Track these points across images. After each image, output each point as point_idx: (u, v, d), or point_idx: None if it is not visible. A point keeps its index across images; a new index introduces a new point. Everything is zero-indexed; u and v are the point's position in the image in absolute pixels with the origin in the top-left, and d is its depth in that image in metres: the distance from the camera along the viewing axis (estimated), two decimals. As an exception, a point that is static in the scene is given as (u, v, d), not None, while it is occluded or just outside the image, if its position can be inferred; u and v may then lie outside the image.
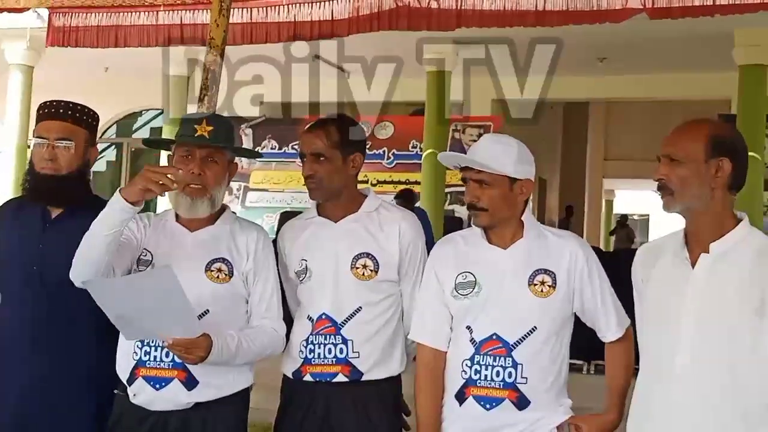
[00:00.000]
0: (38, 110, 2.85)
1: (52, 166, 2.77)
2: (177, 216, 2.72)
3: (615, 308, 2.57)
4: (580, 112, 16.56)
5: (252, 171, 11.57)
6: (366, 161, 2.89)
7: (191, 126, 2.66)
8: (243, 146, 11.38)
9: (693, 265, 2.23)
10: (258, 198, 11.54)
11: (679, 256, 2.28)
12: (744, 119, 8.86)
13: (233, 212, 2.85)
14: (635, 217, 25.12)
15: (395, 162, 11.42)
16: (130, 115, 13.10)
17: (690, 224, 2.27)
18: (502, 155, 2.52)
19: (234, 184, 11.31)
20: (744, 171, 2.26)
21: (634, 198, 24.54)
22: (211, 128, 2.65)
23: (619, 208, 23.57)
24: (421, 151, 10.88)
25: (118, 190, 2.48)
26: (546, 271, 2.52)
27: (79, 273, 2.51)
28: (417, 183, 10.85)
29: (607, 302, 2.56)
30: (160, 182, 2.41)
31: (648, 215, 26.50)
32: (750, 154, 6.46)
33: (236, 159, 2.85)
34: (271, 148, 11.43)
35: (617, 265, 2.84)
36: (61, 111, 2.81)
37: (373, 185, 10.48)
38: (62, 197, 2.78)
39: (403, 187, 11.16)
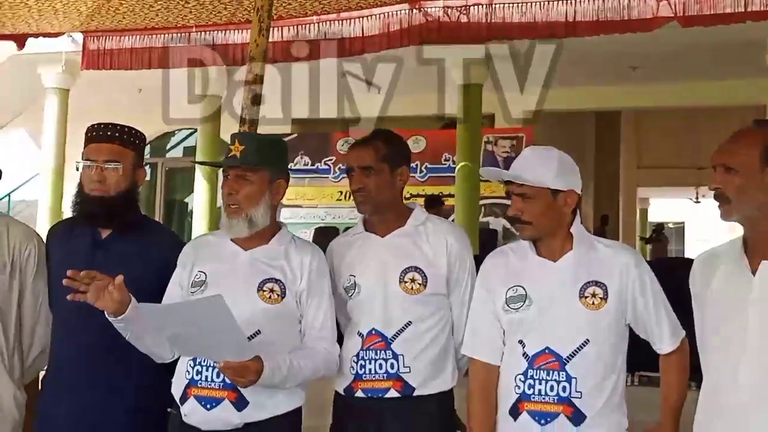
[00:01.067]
0: (87, 133, 2.89)
1: (101, 188, 2.80)
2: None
3: (669, 319, 2.54)
4: (612, 121, 16.48)
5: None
6: None
7: (228, 147, 2.71)
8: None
9: (753, 273, 2.22)
10: (292, 214, 11.58)
11: (738, 265, 2.26)
12: (781, 124, 8.76)
13: (290, 232, 2.85)
14: (670, 225, 24.88)
15: (428, 175, 11.43)
16: (164, 135, 13.24)
17: (748, 231, 2.25)
18: (542, 167, 2.51)
19: (268, 201, 11.37)
20: None
21: (669, 206, 24.32)
22: (243, 147, 2.67)
23: (653, 217, 23.36)
24: (453, 163, 10.88)
25: None
26: (597, 283, 2.50)
27: (157, 358, 2.72)
28: (451, 196, 10.85)
29: (661, 313, 2.53)
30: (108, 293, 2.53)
31: (683, 223, 26.24)
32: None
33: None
34: (304, 165, 11.49)
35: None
36: (109, 133, 2.84)
37: (407, 199, 10.47)
38: (112, 218, 2.81)
39: (437, 200, 11.16)
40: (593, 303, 2.48)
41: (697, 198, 18.88)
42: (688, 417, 2.40)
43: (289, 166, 2.89)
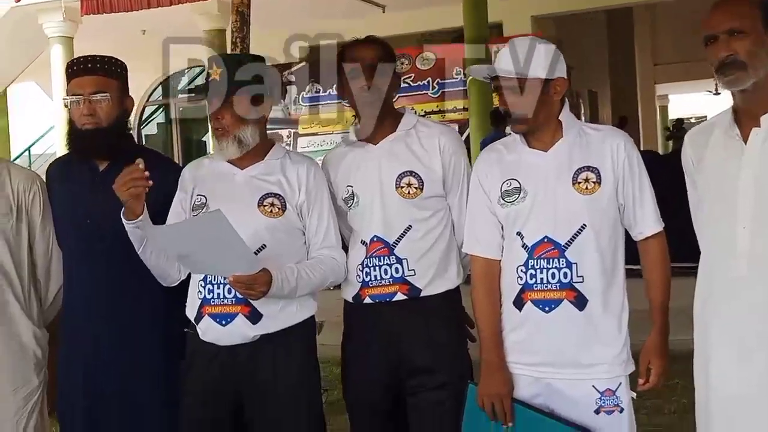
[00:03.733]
0: (67, 69, 2.90)
1: (93, 121, 2.82)
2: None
3: (653, 203, 2.54)
4: (625, 20, 16.12)
5: (300, 117, 11.59)
6: (411, 94, 2.91)
7: (207, 71, 2.70)
8: (286, 91, 11.42)
9: (745, 141, 2.21)
10: (309, 143, 11.56)
11: (729, 134, 2.26)
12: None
13: (283, 146, 2.87)
14: (692, 120, 24.56)
15: (440, 91, 11.29)
16: (175, 75, 13.19)
17: (741, 100, 2.24)
18: (530, 58, 2.49)
19: (284, 132, 11.35)
20: None
21: (689, 101, 23.95)
22: (220, 70, 2.67)
23: (674, 113, 23.04)
24: (465, 77, 10.75)
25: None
26: (589, 168, 2.50)
27: (162, 280, 2.79)
28: (465, 110, 10.75)
29: (646, 195, 2.53)
30: (134, 185, 2.55)
31: (704, 117, 25.87)
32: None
33: (285, 106, 2.86)
34: (315, 92, 11.39)
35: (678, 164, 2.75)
36: (90, 65, 2.85)
37: (422, 116, 10.38)
38: (107, 149, 2.84)
39: (451, 116, 11.10)
40: (587, 188, 2.49)
41: (716, 90, 18.55)
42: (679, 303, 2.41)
43: (300, 94, 2.90)
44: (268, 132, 2.87)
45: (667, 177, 3.06)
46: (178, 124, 12.76)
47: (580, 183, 2.49)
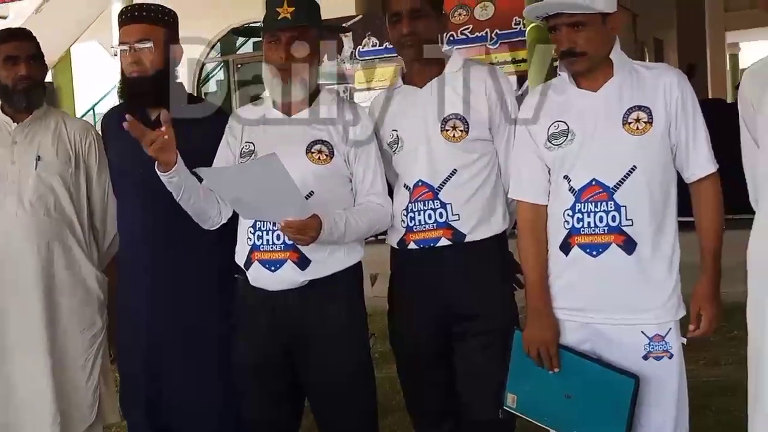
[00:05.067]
0: (118, 18, 2.91)
1: (137, 69, 2.84)
2: (274, 102, 2.76)
3: (707, 143, 2.44)
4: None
5: (356, 72, 11.51)
6: (469, 45, 2.85)
7: (273, 10, 2.65)
8: (344, 45, 11.36)
9: None
10: (365, 98, 11.47)
11: None
12: None
13: (330, 92, 2.85)
14: (764, 69, 23.78)
15: (499, 42, 11.09)
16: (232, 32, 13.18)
17: None
18: None
19: (340, 87, 11.30)
20: None
21: (762, 49, 23.15)
22: (292, 9, 2.63)
23: (746, 63, 22.30)
24: (524, 27, 10.54)
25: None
26: (640, 108, 2.41)
27: (201, 223, 2.77)
28: (524, 60, 10.55)
29: (700, 135, 2.43)
30: (161, 138, 2.53)
31: (778, 66, 25.01)
32: None
33: (340, 61, 2.84)
34: (372, 46, 11.27)
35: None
36: (136, 14, 2.85)
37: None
38: (154, 97, 2.84)
39: (511, 67, 10.89)
40: (638, 128, 2.40)
41: (791, 36, 17.90)
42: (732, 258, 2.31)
43: (357, 48, 2.90)
44: (324, 87, 2.86)
45: (733, 125, 2.93)
46: (237, 81, 12.80)
47: (630, 123, 2.41)
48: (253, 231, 2.68)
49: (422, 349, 2.78)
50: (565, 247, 2.47)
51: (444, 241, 2.70)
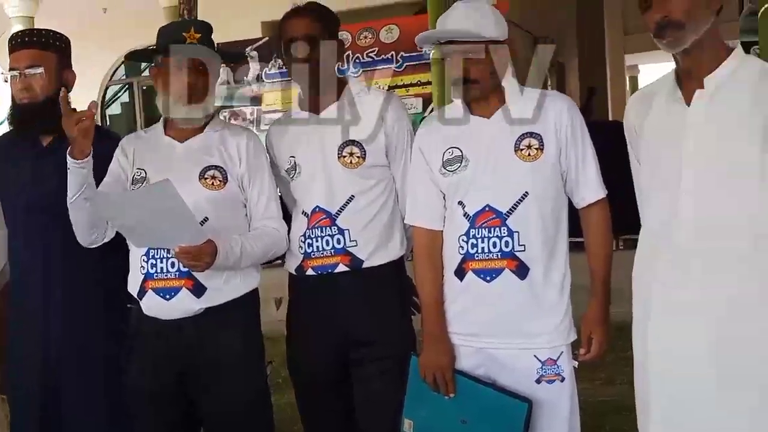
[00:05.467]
0: (9, 43, 2.86)
1: (28, 95, 2.80)
2: (165, 128, 2.75)
3: (596, 169, 2.50)
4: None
5: (264, 93, 11.45)
6: (375, 68, 2.87)
7: (179, 33, 2.64)
8: (250, 69, 11.29)
9: (688, 104, 2.16)
10: (273, 120, 11.47)
11: (672, 97, 2.20)
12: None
13: (222, 118, 2.85)
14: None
15: (405, 65, 11.20)
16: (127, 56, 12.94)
17: (684, 61, 2.18)
18: (482, 20, 2.44)
19: (247, 110, 11.21)
20: None
21: (660, 71, 23.97)
22: (199, 35, 2.65)
23: (644, 83, 23.05)
24: (429, 51, 10.66)
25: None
26: (532, 134, 2.46)
27: (81, 237, 2.70)
28: (428, 83, 10.68)
29: (589, 161, 2.48)
30: (82, 120, 2.49)
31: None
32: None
33: (247, 83, 2.85)
34: (278, 68, 11.24)
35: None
36: (26, 39, 2.82)
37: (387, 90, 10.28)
38: (44, 123, 2.79)
39: (416, 90, 11.01)
40: (529, 155, 2.45)
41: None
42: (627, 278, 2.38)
43: (264, 71, 2.92)
44: (232, 110, 2.86)
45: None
46: (141, 103, 12.59)
47: (522, 150, 2.45)
48: (146, 259, 2.63)
49: (320, 377, 2.76)
50: (460, 273, 2.49)
51: (342, 267, 2.70)
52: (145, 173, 2.69)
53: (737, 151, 2.09)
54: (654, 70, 24.22)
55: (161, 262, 2.61)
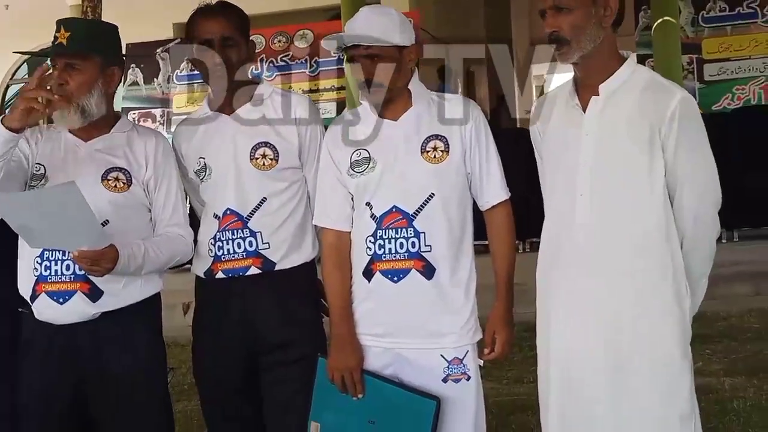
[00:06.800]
0: None
1: None
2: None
3: (500, 172, 2.55)
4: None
5: (174, 96, 11.27)
6: (290, 72, 2.84)
7: (54, 35, 2.58)
8: (161, 69, 11.10)
9: (584, 110, 2.25)
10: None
11: (570, 104, 2.30)
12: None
13: (130, 119, 2.80)
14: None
15: (319, 70, 11.20)
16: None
17: (580, 70, 2.28)
18: (387, 25, 2.47)
19: (157, 111, 11.02)
20: (624, 4, 2.26)
21: (565, 80, 24.57)
22: (68, 34, 2.57)
23: (551, 93, 23.57)
24: (343, 56, 10.67)
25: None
26: (438, 137, 2.50)
27: None
28: (342, 88, 10.71)
29: (493, 164, 2.54)
30: (39, 100, 2.36)
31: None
32: (665, 18, 6.42)
33: (158, 85, 2.78)
34: (190, 70, 11.09)
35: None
36: None
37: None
38: None
39: (329, 95, 11.02)
40: (435, 157, 2.49)
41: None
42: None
43: (175, 72, 2.82)
44: (141, 111, 2.79)
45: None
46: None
47: (428, 152, 2.50)
48: (40, 261, 2.56)
49: (227, 383, 2.73)
50: (368, 273, 2.51)
51: (254, 270, 2.68)
52: (44, 169, 2.62)
53: (628, 156, 2.21)
54: (560, 79, 24.87)
55: (56, 264, 2.55)
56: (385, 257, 2.48)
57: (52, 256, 2.55)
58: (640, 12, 10.18)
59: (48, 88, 2.42)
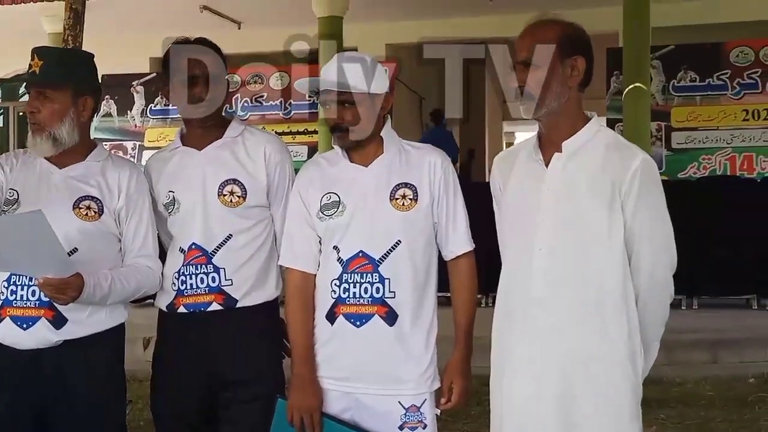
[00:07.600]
0: None
1: None
2: None
3: (466, 223, 2.58)
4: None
5: (147, 129, 11.28)
6: (264, 113, 2.86)
7: (29, 63, 2.60)
8: (135, 102, 11.10)
9: (547, 165, 2.29)
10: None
11: (533, 159, 2.33)
12: (630, 51, 9.04)
13: (105, 149, 2.80)
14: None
15: (293, 112, 11.29)
16: (16, 77, 12.57)
17: (544, 126, 2.32)
18: (360, 72, 2.50)
19: (129, 144, 11.01)
20: (592, 67, 2.31)
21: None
22: (41, 63, 2.59)
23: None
24: (317, 99, 10.76)
25: None
26: (407, 185, 2.53)
27: None
28: (315, 132, 10.79)
29: (459, 215, 2.57)
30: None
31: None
32: (636, 84, 6.59)
33: (131, 117, 2.79)
34: (165, 105, 11.14)
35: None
36: None
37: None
38: None
39: (302, 138, 11.10)
40: (404, 204, 2.52)
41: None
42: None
43: (149, 106, 2.83)
44: (113, 143, 2.79)
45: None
46: (16, 130, 12.17)
47: (397, 199, 2.52)
48: (6, 285, 2.56)
49: (185, 418, 2.72)
50: (331, 316, 2.51)
51: (215, 306, 2.69)
52: (18, 195, 2.62)
53: (587, 211, 2.24)
54: (528, 135, 25.20)
55: (22, 289, 2.55)
56: (349, 301, 2.49)
57: (19, 281, 2.54)
58: (612, 77, 10.43)
59: None
